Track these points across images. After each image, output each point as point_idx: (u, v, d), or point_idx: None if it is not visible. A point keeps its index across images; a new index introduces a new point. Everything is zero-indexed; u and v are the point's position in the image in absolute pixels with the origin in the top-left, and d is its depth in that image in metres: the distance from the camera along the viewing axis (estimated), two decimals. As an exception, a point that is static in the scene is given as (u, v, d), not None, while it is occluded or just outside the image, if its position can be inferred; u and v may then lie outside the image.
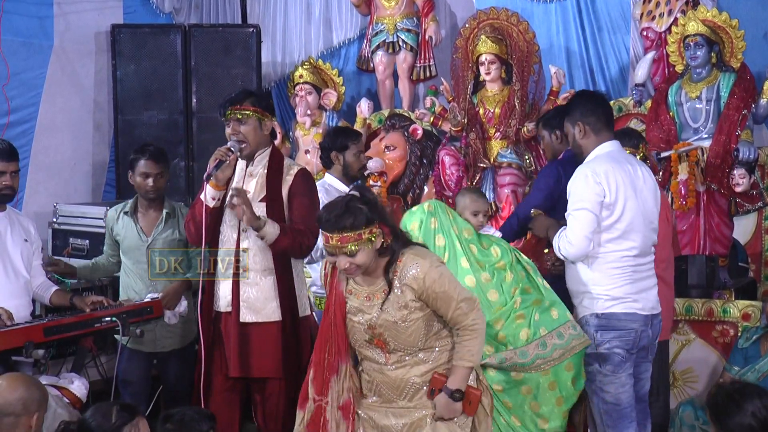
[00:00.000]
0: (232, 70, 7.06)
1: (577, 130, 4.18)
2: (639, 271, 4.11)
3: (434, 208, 4.27)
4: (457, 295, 3.48)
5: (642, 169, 4.20)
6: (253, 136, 4.23)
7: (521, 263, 4.26)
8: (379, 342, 3.55)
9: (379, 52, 7.30)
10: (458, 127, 6.52)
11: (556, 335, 4.06)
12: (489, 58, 6.42)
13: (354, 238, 3.35)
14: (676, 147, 5.84)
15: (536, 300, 4.16)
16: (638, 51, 6.68)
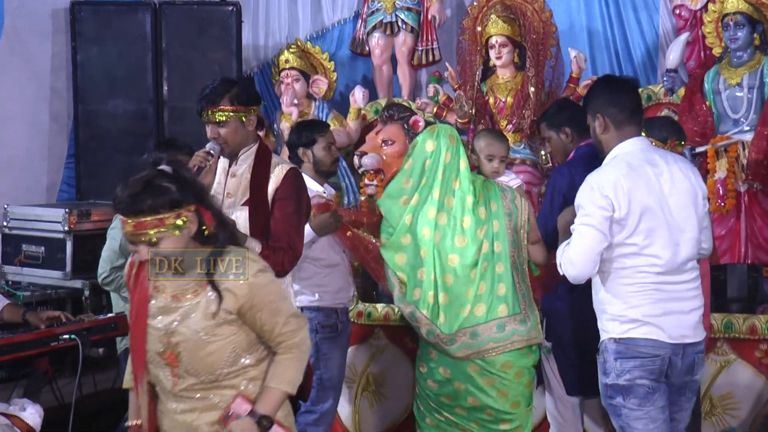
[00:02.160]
0: (208, 54, 7.06)
1: (597, 123, 4.02)
2: (664, 290, 3.90)
3: (437, 134, 4.44)
4: (286, 308, 3.30)
5: (675, 167, 3.99)
6: (235, 138, 4.21)
7: (505, 244, 4.35)
8: (171, 356, 3.24)
9: (375, 34, 7.29)
10: (465, 119, 6.52)
11: (519, 320, 4.25)
12: (500, 41, 6.42)
13: (154, 224, 3.10)
14: (713, 141, 5.85)
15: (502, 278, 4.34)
16: (670, 32, 6.70)
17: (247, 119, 4.22)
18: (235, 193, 4.23)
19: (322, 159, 5.16)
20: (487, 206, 4.37)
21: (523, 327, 4.33)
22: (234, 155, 4.26)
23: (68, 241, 5.99)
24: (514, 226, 4.39)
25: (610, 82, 4.28)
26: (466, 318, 4.32)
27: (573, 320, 4.78)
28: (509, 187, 4.49)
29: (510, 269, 4.35)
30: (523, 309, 4.35)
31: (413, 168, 4.47)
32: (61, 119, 7.40)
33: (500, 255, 4.34)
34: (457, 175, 4.40)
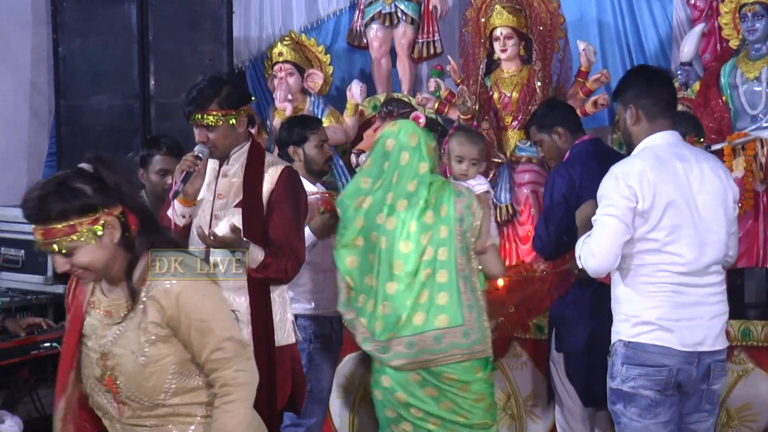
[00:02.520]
0: (198, 47, 7.00)
1: (629, 113, 4.00)
2: (684, 292, 3.85)
3: (398, 132, 4.38)
4: (221, 329, 2.93)
5: (706, 165, 3.97)
6: (224, 141, 4.22)
7: (452, 251, 4.25)
8: (110, 382, 2.97)
9: (373, 26, 7.25)
10: (468, 115, 6.48)
11: (461, 333, 4.21)
12: (505, 33, 6.38)
13: (65, 231, 2.80)
14: (730, 138, 5.79)
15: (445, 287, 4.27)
16: (684, 23, 6.66)
17: (237, 121, 4.23)
18: (227, 195, 4.23)
19: (314, 158, 5.15)
20: (437, 210, 4.29)
21: (465, 340, 4.23)
22: (225, 156, 4.24)
23: (49, 244, 5.91)
24: (464, 233, 4.29)
25: (646, 72, 4.25)
26: (403, 326, 4.24)
27: (584, 328, 4.78)
28: (468, 191, 4.38)
29: (455, 278, 4.25)
30: (467, 321, 4.24)
31: (371, 168, 4.43)
32: (41, 115, 7.41)
33: (444, 262, 4.25)
34: (414, 177, 4.33)
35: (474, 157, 4.55)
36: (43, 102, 7.36)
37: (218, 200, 4.20)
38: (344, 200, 4.43)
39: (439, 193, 4.29)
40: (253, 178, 4.22)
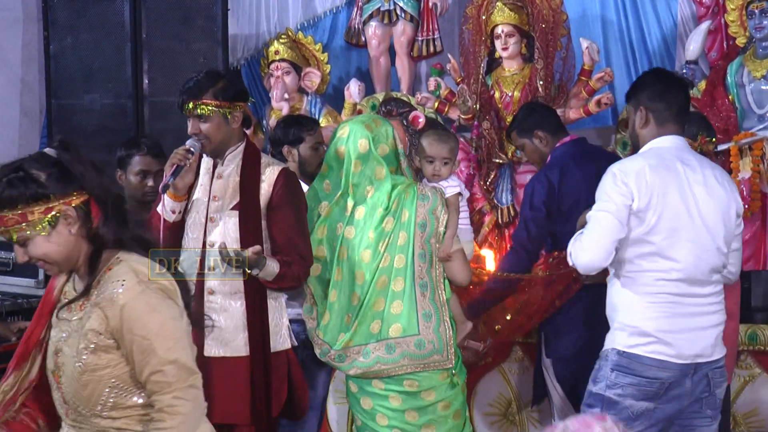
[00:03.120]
0: (192, 45, 6.98)
1: (639, 116, 4.01)
2: (684, 303, 3.85)
3: (347, 139, 4.32)
4: (164, 350, 2.76)
5: (710, 173, 3.96)
6: (217, 135, 4.22)
7: (409, 258, 4.20)
8: (57, 379, 2.89)
9: (372, 23, 7.26)
10: (469, 115, 6.49)
11: (414, 343, 4.15)
12: (506, 30, 6.39)
13: (15, 220, 2.70)
14: (737, 138, 5.82)
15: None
16: (689, 20, 6.69)
17: (231, 116, 4.23)
18: (222, 197, 4.23)
19: (308, 159, 5.14)
20: (397, 216, 4.24)
21: (418, 350, 4.18)
22: (219, 154, 4.26)
23: (41, 246, 5.93)
24: (426, 239, 4.24)
25: (661, 75, 4.26)
26: (358, 335, 4.24)
27: (574, 334, 4.77)
28: (435, 194, 4.30)
29: (412, 286, 4.20)
30: (422, 330, 4.18)
31: (329, 173, 4.40)
32: (32, 115, 7.38)
33: (400, 270, 4.21)
34: (370, 183, 4.29)
35: (444, 156, 4.45)
36: (33, 101, 7.34)
37: (213, 202, 4.21)
38: (309, 203, 4.38)
39: (402, 197, 4.24)
40: (249, 179, 4.23)
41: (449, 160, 4.47)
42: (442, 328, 4.19)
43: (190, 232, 4.25)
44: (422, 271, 4.21)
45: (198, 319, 4.16)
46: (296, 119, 5.50)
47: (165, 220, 4.19)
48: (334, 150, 4.38)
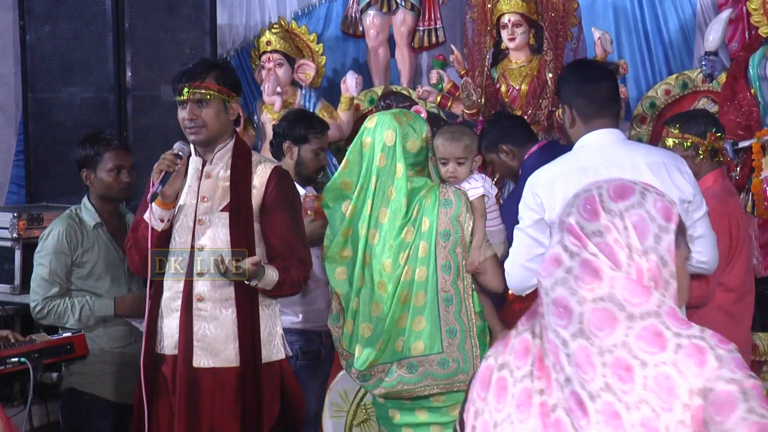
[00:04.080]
0: (178, 35, 6.98)
1: (566, 115, 3.98)
2: None
3: (374, 129, 4.28)
4: None
5: (644, 164, 3.78)
6: (215, 123, 4.21)
7: (432, 270, 4.14)
8: None
9: (370, 12, 7.29)
10: (473, 109, 6.51)
11: (437, 362, 4.11)
12: (513, 20, 6.41)
13: None
14: (759, 134, 5.84)
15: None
16: (709, 8, 6.70)
17: (229, 105, 4.26)
18: (211, 197, 4.23)
19: (308, 162, 5.16)
20: (417, 225, 4.17)
21: (442, 369, 4.13)
22: (210, 149, 4.26)
23: (17, 250, 5.91)
24: (451, 249, 4.16)
25: (580, 68, 4.22)
26: (384, 353, 4.19)
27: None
28: (459, 198, 4.20)
29: (436, 300, 4.14)
30: (446, 348, 4.13)
31: (350, 168, 4.33)
32: (8, 110, 7.38)
33: (422, 283, 4.15)
34: (392, 182, 4.23)
35: (459, 156, 4.29)
36: (9, 95, 7.32)
37: (202, 203, 4.20)
38: (329, 203, 4.35)
39: (423, 203, 4.18)
40: (240, 179, 4.23)
41: (465, 160, 4.31)
42: (468, 345, 4.13)
43: (178, 236, 4.24)
44: (446, 283, 4.14)
45: (187, 328, 4.19)
46: (306, 116, 5.48)
47: (153, 228, 4.17)
48: (359, 142, 4.32)
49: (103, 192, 4.96)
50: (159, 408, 4.25)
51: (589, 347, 1.99)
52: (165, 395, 4.26)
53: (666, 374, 1.96)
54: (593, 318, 2.00)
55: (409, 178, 4.21)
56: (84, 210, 5.01)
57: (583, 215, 2.09)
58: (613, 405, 1.97)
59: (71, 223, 4.97)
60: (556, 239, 2.11)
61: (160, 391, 4.26)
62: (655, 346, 1.98)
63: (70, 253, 4.93)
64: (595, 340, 1.99)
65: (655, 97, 6.54)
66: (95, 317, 4.83)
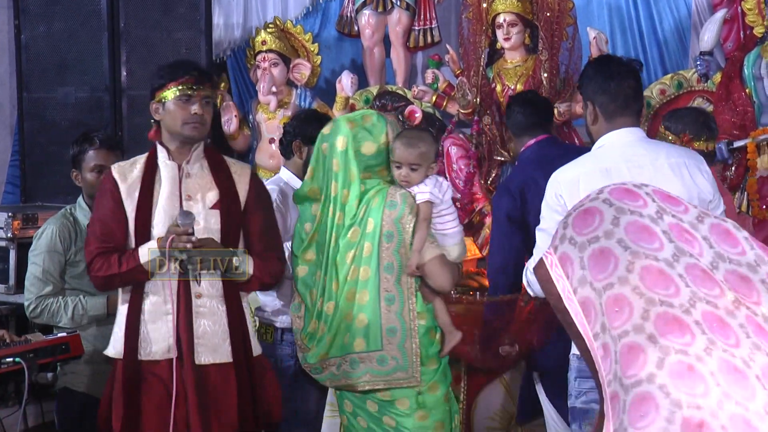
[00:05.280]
0: (173, 35, 7.01)
1: (588, 111, 3.98)
2: None
3: (330, 134, 4.24)
4: None
5: (665, 164, 3.82)
6: (209, 123, 4.28)
7: (374, 269, 4.12)
8: None
9: (365, 11, 7.30)
10: (468, 109, 6.49)
11: (377, 359, 4.10)
12: (509, 19, 6.38)
13: None
14: (754, 134, 5.82)
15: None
16: (704, 8, 6.70)
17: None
18: (194, 195, 4.23)
19: None
20: (362, 225, 4.16)
21: (381, 367, 4.12)
22: (187, 148, 4.25)
23: (12, 250, 5.92)
24: (395, 250, 4.12)
25: (604, 64, 4.17)
26: (333, 347, 4.21)
27: (554, 346, 4.74)
28: (405, 200, 4.16)
29: (378, 299, 4.12)
30: (385, 346, 4.11)
31: (315, 176, 4.31)
32: (2, 109, 7.39)
33: (365, 282, 4.15)
34: (345, 186, 4.22)
35: (412, 162, 4.21)
36: (4, 94, 7.32)
37: (187, 201, 4.19)
38: (299, 205, 4.36)
39: (370, 204, 4.18)
40: (224, 176, 4.28)
41: (418, 166, 4.23)
42: (408, 344, 4.12)
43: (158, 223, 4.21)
44: (389, 283, 4.14)
45: (188, 328, 4.19)
46: (319, 117, 5.46)
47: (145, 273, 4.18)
48: (318, 147, 4.31)
49: (89, 191, 4.94)
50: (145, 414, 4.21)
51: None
52: (157, 400, 4.22)
53: None
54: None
55: (363, 180, 4.20)
56: (78, 209, 5.01)
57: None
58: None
59: (65, 222, 4.96)
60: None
61: (149, 398, 4.22)
62: None
63: (63, 252, 4.92)
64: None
65: (650, 96, 6.53)
66: (88, 316, 4.82)
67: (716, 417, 1.99)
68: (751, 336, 2.05)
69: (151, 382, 4.22)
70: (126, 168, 4.23)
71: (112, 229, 4.15)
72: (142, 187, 4.18)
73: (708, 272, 2.09)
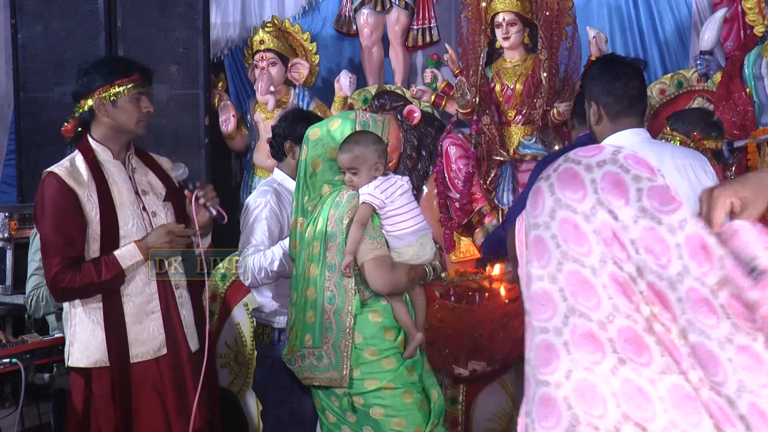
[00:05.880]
0: (171, 34, 7.01)
1: (592, 111, 3.96)
2: None
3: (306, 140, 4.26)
4: None
5: (672, 166, 3.83)
6: None
7: (320, 268, 4.13)
8: None
9: (364, 11, 7.30)
10: (467, 109, 6.48)
11: (316, 355, 4.12)
12: (508, 18, 6.39)
13: None
14: (754, 134, 5.83)
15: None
16: (705, 7, 6.70)
17: None
18: (147, 191, 4.29)
19: None
20: (315, 225, 4.19)
21: (318, 363, 4.15)
22: (127, 145, 4.29)
23: (8, 250, 5.92)
24: (338, 250, 4.12)
25: (609, 65, 4.13)
26: (299, 340, 4.23)
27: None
28: (347, 203, 4.15)
29: (322, 297, 4.15)
30: (324, 344, 4.13)
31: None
32: (0, 108, 7.33)
33: (313, 280, 4.18)
34: (305, 192, 4.30)
35: (347, 165, 4.19)
36: (0, 94, 7.33)
37: (145, 197, 4.24)
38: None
39: (323, 204, 4.19)
40: (161, 170, 4.36)
41: (357, 170, 4.19)
42: (342, 344, 4.11)
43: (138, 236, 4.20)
44: (330, 282, 4.14)
45: (178, 319, 4.25)
46: (305, 115, 5.48)
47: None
48: (300, 155, 4.32)
49: None
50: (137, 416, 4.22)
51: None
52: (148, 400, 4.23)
53: None
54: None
55: (333, 182, 4.21)
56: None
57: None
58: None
59: None
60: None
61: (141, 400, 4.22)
62: None
63: None
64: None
65: (650, 96, 6.52)
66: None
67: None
68: (665, 355, 2.05)
69: (139, 384, 4.22)
70: (73, 172, 4.12)
71: (73, 238, 4.05)
72: (98, 189, 4.11)
73: (628, 284, 2.07)
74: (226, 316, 5.91)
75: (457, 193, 6.38)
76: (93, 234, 4.08)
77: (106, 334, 4.10)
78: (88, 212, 4.05)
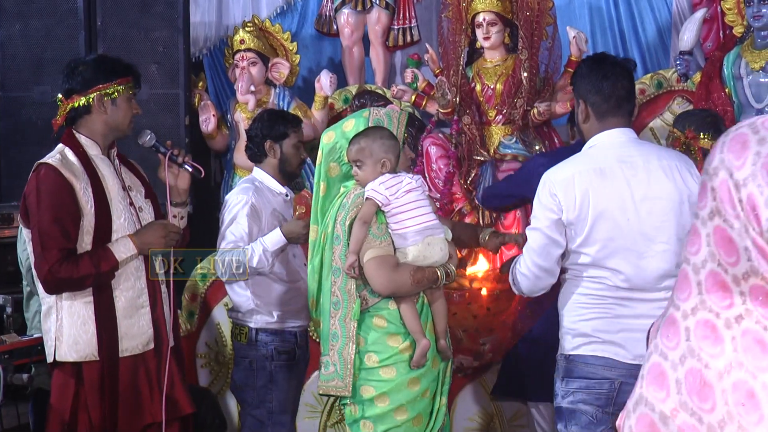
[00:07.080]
0: (151, 33, 6.98)
1: (580, 109, 3.98)
2: (627, 305, 3.81)
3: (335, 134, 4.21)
4: None
5: (657, 166, 3.84)
6: None
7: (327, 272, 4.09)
8: None
9: (344, 10, 7.30)
10: (448, 109, 6.49)
11: (324, 363, 4.09)
12: (488, 18, 6.39)
13: None
14: (734, 134, 5.81)
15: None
16: (684, 8, 6.73)
17: None
18: (133, 187, 4.35)
19: (290, 158, 5.15)
20: (326, 228, 4.13)
21: (325, 371, 4.09)
22: (112, 143, 4.33)
23: (-13, 250, 5.91)
24: (341, 254, 4.04)
25: (598, 63, 4.13)
26: (322, 348, 4.21)
27: (540, 347, 4.73)
28: (352, 203, 4.09)
29: (328, 303, 4.09)
30: (330, 351, 4.06)
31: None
32: (-22, 109, 7.29)
33: (323, 285, 4.17)
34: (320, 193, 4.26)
35: (352, 158, 4.13)
36: (-21, 94, 7.28)
37: (131, 192, 4.29)
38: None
39: (332, 207, 4.14)
40: (137, 169, 4.43)
41: (361, 163, 4.11)
42: (346, 352, 4.04)
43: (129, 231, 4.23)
44: (335, 288, 4.06)
45: (158, 312, 4.30)
46: (280, 114, 5.51)
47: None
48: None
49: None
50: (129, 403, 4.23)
51: None
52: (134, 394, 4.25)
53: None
54: None
55: (348, 186, 4.15)
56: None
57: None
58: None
59: None
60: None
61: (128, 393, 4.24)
62: None
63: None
64: None
65: (630, 96, 6.58)
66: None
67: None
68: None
69: (126, 377, 4.23)
70: (67, 164, 4.13)
71: (69, 230, 4.06)
72: (92, 183, 4.13)
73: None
74: (206, 317, 5.92)
75: (438, 192, 6.39)
76: (87, 227, 4.10)
77: (98, 327, 4.12)
78: (84, 205, 4.07)
